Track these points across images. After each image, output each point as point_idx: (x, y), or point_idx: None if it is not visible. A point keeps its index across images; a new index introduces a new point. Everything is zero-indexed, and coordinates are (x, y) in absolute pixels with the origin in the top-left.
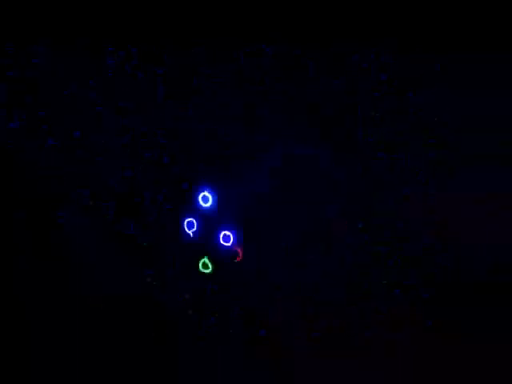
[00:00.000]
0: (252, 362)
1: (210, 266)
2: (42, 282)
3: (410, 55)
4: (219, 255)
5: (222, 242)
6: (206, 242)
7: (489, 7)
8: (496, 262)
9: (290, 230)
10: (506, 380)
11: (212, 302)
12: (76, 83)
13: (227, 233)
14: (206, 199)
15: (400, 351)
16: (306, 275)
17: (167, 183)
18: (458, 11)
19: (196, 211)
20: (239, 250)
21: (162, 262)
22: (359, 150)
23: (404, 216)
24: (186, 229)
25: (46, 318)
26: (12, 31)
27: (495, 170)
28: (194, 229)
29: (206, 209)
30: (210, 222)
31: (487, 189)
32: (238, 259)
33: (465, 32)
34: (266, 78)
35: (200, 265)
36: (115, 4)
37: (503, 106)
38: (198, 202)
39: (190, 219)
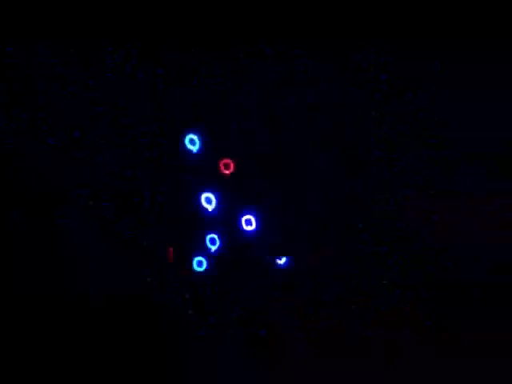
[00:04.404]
0: (252, 362)
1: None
2: (42, 282)
3: (410, 55)
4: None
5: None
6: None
7: (489, 6)
8: (496, 262)
9: (290, 230)
10: (506, 380)
11: (212, 302)
12: (76, 83)
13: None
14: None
15: (400, 351)
16: (306, 275)
17: (167, 183)
18: (458, 11)
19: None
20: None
21: (161, 261)
22: (359, 150)
23: (404, 216)
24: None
25: (46, 318)
26: (12, 31)
27: (495, 170)
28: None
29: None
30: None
31: (487, 189)
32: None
33: (465, 32)
34: (266, 78)
35: None
36: (115, 4)
37: (504, 105)
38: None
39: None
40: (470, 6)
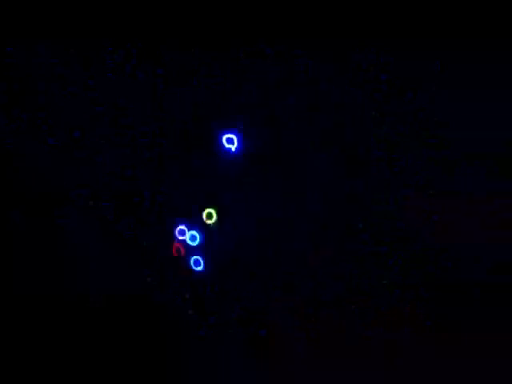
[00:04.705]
0: (252, 362)
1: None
2: (42, 282)
3: (410, 55)
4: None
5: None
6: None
7: (489, 6)
8: (496, 262)
9: (290, 230)
10: (506, 380)
11: (212, 302)
12: (76, 83)
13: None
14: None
15: (400, 351)
16: (306, 275)
17: (167, 183)
18: (458, 11)
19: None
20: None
21: (162, 262)
22: (359, 150)
23: (404, 216)
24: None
25: (46, 318)
26: (12, 31)
27: (495, 170)
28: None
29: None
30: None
31: (487, 189)
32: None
33: (465, 32)
34: (266, 78)
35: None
36: (115, 4)
37: (504, 105)
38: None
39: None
40: (470, 6)
